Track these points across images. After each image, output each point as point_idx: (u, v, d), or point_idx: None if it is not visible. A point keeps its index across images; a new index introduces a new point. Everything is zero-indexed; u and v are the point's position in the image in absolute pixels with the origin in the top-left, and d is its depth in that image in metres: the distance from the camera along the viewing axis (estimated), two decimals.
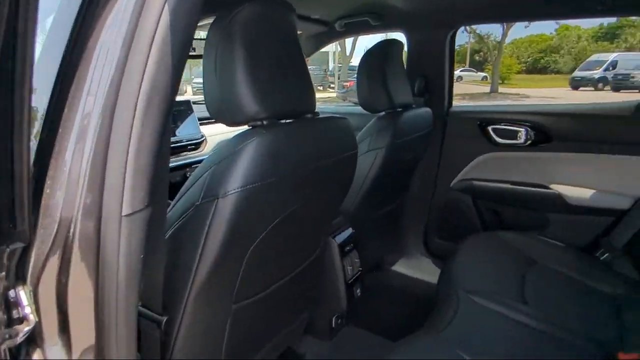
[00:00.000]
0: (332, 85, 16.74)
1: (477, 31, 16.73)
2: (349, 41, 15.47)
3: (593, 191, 1.48)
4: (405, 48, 1.73)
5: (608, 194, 1.46)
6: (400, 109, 1.43)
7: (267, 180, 0.70)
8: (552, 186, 1.56)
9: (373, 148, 1.33)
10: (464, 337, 0.97)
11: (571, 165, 1.53)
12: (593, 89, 14.12)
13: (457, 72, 20.59)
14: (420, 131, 1.48)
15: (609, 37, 23.44)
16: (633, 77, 13.19)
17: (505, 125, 1.63)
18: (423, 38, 1.71)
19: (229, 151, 0.69)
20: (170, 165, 1.59)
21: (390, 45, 1.38)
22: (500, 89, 15.31)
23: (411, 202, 1.83)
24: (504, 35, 15.72)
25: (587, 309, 1.08)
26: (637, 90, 12.85)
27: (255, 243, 0.76)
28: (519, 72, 20.97)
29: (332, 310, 1.24)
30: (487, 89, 15.52)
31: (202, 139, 1.82)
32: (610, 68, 14.32)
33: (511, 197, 1.63)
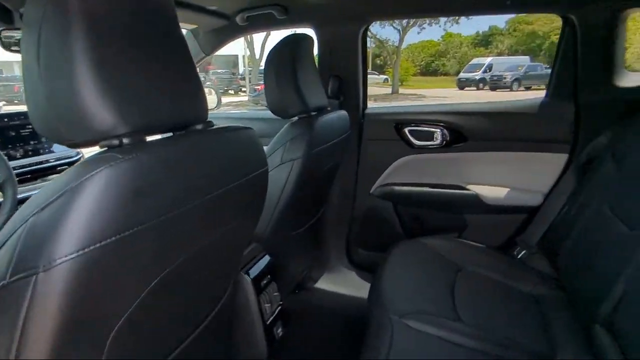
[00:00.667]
0: (243, 89, 16.22)
1: (377, 36, 17.57)
2: (258, 43, 15.10)
3: (507, 189, 1.45)
4: (316, 46, 1.56)
5: (521, 192, 1.44)
6: (314, 113, 1.24)
7: (128, 232, 0.44)
8: (469, 187, 1.51)
9: (287, 159, 1.12)
10: None
11: (485, 164, 1.49)
12: (475, 88, 15.80)
13: None
14: (338, 136, 1.31)
15: (484, 43, 26.50)
16: (505, 78, 15.03)
17: (421, 126, 1.54)
18: (334, 34, 1.55)
19: (59, 189, 0.42)
20: (29, 193, 1.21)
21: (299, 41, 1.18)
22: (401, 90, 16.26)
23: (331, 212, 1.67)
24: (401, 40, 16.72)
25: (515, 316, 1.05)
26: (509, 89, 14.66)
27: (122, 320, 0.50)
28: (415, 75, 22.62)
29: (251, 358, 1.01)
30: (389, 90, 16.37)
31: (78, 157, 1.45)
32: (487, 70, 16.18)
33: (431, 200, 1.56)
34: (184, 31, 1.79)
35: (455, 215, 1.55)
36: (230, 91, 16.22)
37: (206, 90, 2.24)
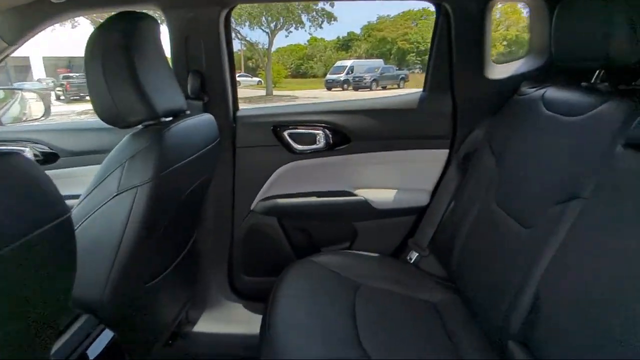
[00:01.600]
0: None
1: (248, 38, 17.20)
2: None
3: (395, 191, 1.35)
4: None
5: (408, 192, 1.34)
6: (168, 119, 0.91)
7: None
8: (357, 192, 1.36)
9: (128, 186, 0.77)
10: None
11: (371, 165, 1.36)
12: (341, 89, 16.74)
13: None
14: (203, 147, 1.00)
15: (345, 47, 28.43)
16: (365, 79, 16.28)
17: (302, 128, 1.33)
18: (188, 19, 1.22)
19: None
20: None
21: (134, 20, 0.84)
22: (274, 92, 16.25)
23: (207, 237, 1.35)
24: (270, 43, 16.59)
25: (420, 335, 0.93)
26: (369, 89, 15.92)
27: None
28: (286, 77, 23.00)
29: None
30: (263, 92, 16.21)
31: None
32: (350, 72, 17.31)
33: (319, 210, 1.36)
34: None
35: (346, 224, 1.39)
36: (87, 97, 13.80)
37: (32, 96, 1.60)
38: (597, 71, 0.92)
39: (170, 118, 0.92)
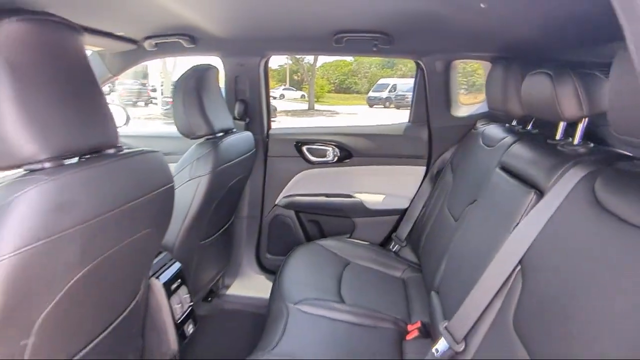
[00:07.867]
0: (154, 101, 15.31)
1: None
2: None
3: (384, 196, 1.76)
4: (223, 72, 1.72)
5: (394, 198, 1.76)
6: (220, 134, 1.40)
7: (52, 237, 0.56)
8: (355, 195, 1.79)
9: (194, 176, 1.25)
10: (292, 349, 1.01)
11: (367, 175, 1.79)
12: (383, 106, 16.99)
13: (280, 90, 21.87)
14: (242, 155, 1.48)
15: (390, 65, 28.69)
16: (407, 98, 16.41)
17: (316, 145, 1.79)
18: (238, 64, 1.74)
19: None
20: None
21: (204, 71, 1.34)
22: (316, 106, 16.90)
23: (242, 222, 1.83)
24: (315, 59, 17.39)
25: (386, 296, 1.32)
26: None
27: (48, 309, 0.61)
28: (329, 92, 23.63)
29: (162, 353, 1.11)
30: (305, 106, 16.91)
31: None
32: (393, 90, 17.48)
33: (326, 207, 1.80)
34: (89, 52, 1.81)
35: (346, 219, 1.82)
36: (139, 103, 15.16)
37: (115, 107, 2.24)
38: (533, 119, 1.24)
39: (222, 134, 1.40)
